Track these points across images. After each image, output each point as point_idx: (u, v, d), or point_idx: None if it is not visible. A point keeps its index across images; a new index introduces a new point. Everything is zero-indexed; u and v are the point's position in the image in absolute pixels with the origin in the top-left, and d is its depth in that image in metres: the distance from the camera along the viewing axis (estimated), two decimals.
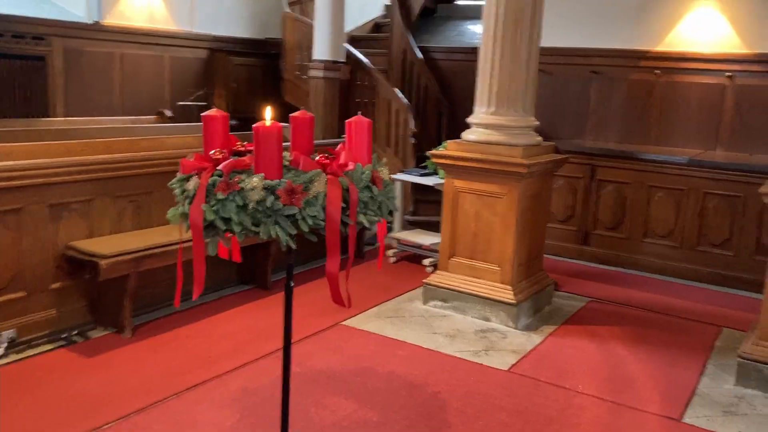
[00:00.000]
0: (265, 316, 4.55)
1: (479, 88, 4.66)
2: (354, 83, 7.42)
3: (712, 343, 4.50)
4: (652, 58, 6.68)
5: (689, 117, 6.59)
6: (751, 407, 3.64)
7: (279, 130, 2.24)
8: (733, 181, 5.69)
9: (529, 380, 3.80)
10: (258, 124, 2.26)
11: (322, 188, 2.21)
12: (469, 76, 7.80)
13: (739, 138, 6.39)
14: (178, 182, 2.37)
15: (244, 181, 2.20)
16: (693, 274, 5.91)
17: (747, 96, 6.32)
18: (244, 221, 2.19)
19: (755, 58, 6.23)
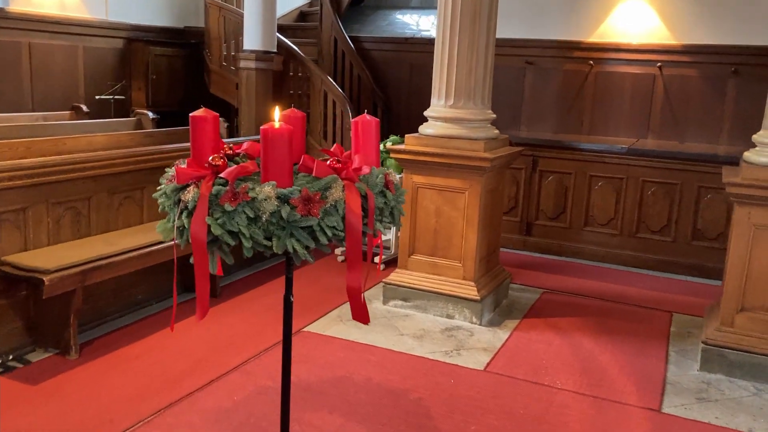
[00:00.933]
0: (219, 326, 4.27)
1: (437, 80, 4.54)
2: (287, 74, 7.13)
3: (668, 330, 4.61)
4: (585, 49, 6.79)
5: (621, 106, 6.75)
6: (719, 392, 3.73)
7: (290, 133, 2.02)
8: (670, 169, 5.87)
9: (507, 379, 3.73)
10: (266, 126, 2.03)
11: (340, 195, 2.01)
12: (402, 67, 7.74)
13: (669, 126, 6.61)
14: (169, 192, 2.09)
15: (254, 190, 1.97)
16: (633, 260, 6.07)
17: (675, 85, 6.54)
18: (255, 235, 1.96)
19: (683, 49, 6.44)
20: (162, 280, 4.56)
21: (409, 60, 7.67)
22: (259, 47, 6.74)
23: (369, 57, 7.82)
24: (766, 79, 6.23)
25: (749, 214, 3.81)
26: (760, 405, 3.60)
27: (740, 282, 3.89)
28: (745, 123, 6.34)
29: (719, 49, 6.31)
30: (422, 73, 7.60)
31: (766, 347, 3.85)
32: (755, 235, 3.82)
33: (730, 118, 6.41)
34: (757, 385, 3.81)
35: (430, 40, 7.62)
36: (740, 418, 3.44)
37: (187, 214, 2.02)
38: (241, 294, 4.86)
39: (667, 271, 5.92)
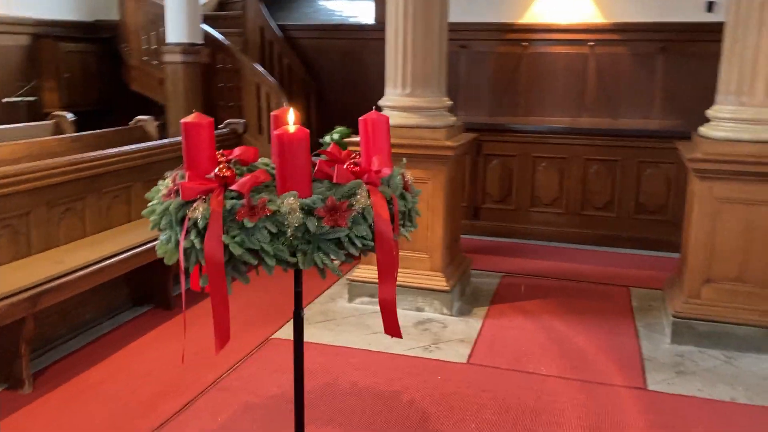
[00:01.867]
0: (180, 341, 3.99)
1: (391, 68, 4.40)
2: (215, 67, 6.77)
3: (629, 305, 4.70)
4: (518, 31, 6.81)
5: (556, 86, 6.82)
6: (694, 363, 3.82)
7: (307, 137, 1.84)
8: (611, 146, 5.99)
9: (492, 370, 3.68)
10: (281, 131, 1.84)
11: (367, 202, 1.84)
12: (333, 55, 7.53)
13: (603, 104, 6.74)
14: (172, 209, 1.86)
15: (275, 202, 1.77)
16: (580, 237, 6.17)
17: (607, 64, 6.67)
18: (280, 252, 1.77)
19: (612, 27, 6.57)
20: (111, 295, 4.22)
21: (340, 47, 7.47)
22: (184, 39, 6.36)
23: (298, 45, 7.56)
24: (692, 55, 6.46)
25: (711, 188, 3.90)
26: (734, 373, 3.70)
27: (705, 255, 3.99)
28: (675, 98, 6.56)
29: (648, 26, 6.47)
30: (355, 61, 7.44)
31: (731, 316, 3.97)
32: (718, 208, 3.92)
33: (660, 93, 6.60)
34: (726, 353, 3.93)
35: (360, 27, 7.46)
36: (720, 388, 3.53)
37: (197, 233, 1.80)
38: (198, 303, 4.57)
39: (613, 245, 6.06)
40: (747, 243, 3.91)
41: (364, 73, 7.41)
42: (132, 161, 4.42)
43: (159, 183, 2.07)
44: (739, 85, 3.83)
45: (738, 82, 3.83)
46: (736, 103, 3.86)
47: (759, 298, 3.94)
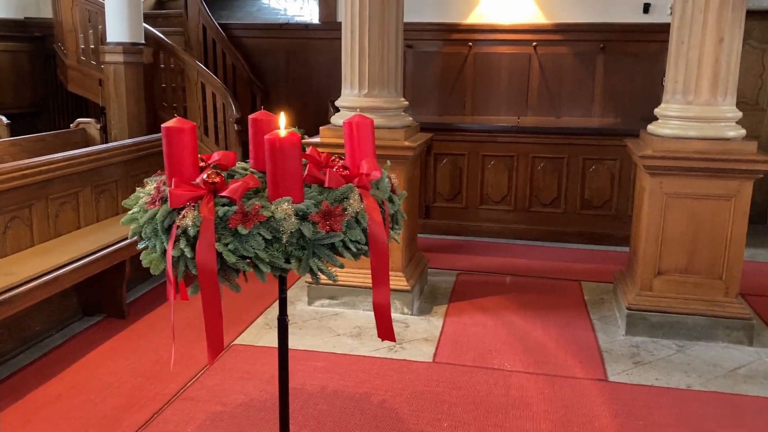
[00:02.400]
0: (138, 352, 3.86)
1: (347, 69, 4.38)
2: (158, 67, 6.59)
3: (582, 298, 4.83)
4: (463, 31, 6.90)
5: (500, 86, 6.95)
6: (649, 354, 3.96)
7: (298, 142, 1.81)
8: (557, 144, 6.13)
9: (459, 368, 3.72)
10: (272, 135, 1.80)
11: (360, 206, 1.83)
12: (278, 55, 7.44)
13: (546, 103, 6.90)
14: (159, 218, 1.80)
15: (269, 208, 1.74)
16: (528, 233, 6.30)
17: (550, 63, 6.84)
18: (275, 259, 1.73)
19: (555, 28, 6.74)
20: (60, 306, 4.06)
21: (285, 47, 7.39)
22: (125, 39, 6.16)
23: (242, 45, 7.44)
24: (630, 55, 6.69)
25: (661, 183, 4.05)
26: (687, 361, 3.86)
27: (656, 248, 4.13)
28: (614, 96, 6.78)
29: (588, 27, 6.67)
30: (300, 60, 7.37)
31: (681, 306, 4.13)
32: (667, 203, 4.07)
33: (600, 92, 6.82)
34: (678, 343, 4.09)
35: (306, 26, 7.40)
36: (676, 377, 3.67)
37: (186, 241, 1.75)
38: (152, 311, 4.44)
39: (560, 240, 6.21)
40: (694, 235, 4.07)
41: (310, 72, 7.36)
42: (80, 166, 4.25)
43: (138, 190, 2.00)
44: (685, 85, 3.98)
45: (684, 81, 3.98)
46: (683, 102, 4.01)
47: (706, 288, 4.11)
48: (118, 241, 4.14)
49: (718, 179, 3.97)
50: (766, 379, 3.65)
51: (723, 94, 3.95)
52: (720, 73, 3.92)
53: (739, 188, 3.97)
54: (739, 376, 3.68)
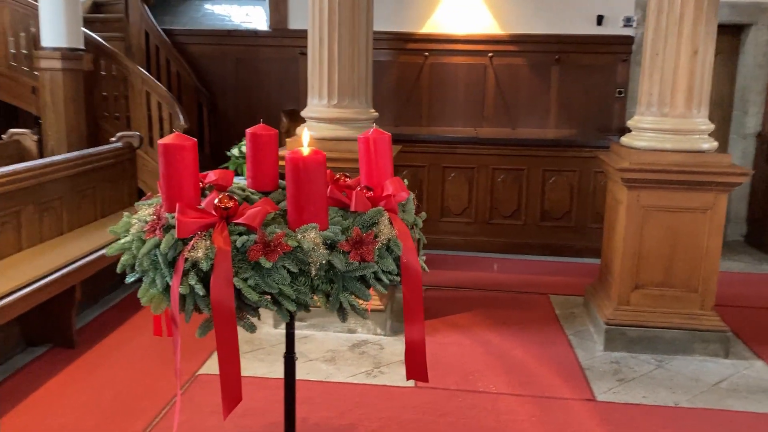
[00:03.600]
0: (94, 386, 3.52)
1: (315, 78, 4.16)
2: (98, 74, 6.17)
3: (553, 313, 4.74)
4: (419, 41, 6.79)
5: (457, 96, 6.87)
6: (631, 370, 3.89)
7: (324, 161, 1.59)
8: (517, 156, 6.07)
9: (443, 392, 3.54)
10: (294, 153, 1.58)
11: (392, 232, 1.63)
12: (226, 62, 7.13)
13: (502, 114, 6.86)
14: (164, 249, 1.55)
15: (293, 237, 1.52)
16: (489, 246, 6.21)
17: (505, 74, 6.80)
18: (301, 295, 1.51)
19: (510, 39, 6.70)
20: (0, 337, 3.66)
21: (233, 54, 7.08)
22: (62, 44, 5.73)
23: (187, 52, 7.09)
24: (584, 66, 6.73)
25: (639, 196, 4.00)
26: (669, 377, 3.81)
27: (633, 262, 4.08)
28: (569, 107, 6.80)
29: (543, 38, 6.66)
30: (249, 68, 7.09)
31: (659, 320, 4.09)
32: (645, 216, 4.03)
33: (556, 103, 6.82)
34: (656, 357, 4.04)
35: (255, 33, 7.12)
36: (662, 394, 3.60)
37: (197, 276, 1.50)
38: (104, 339, 4.09)
39: (521, 252, 6.14)
40: (671, 249, 4.04)
41: (259, 80, 7.08)
42: (21, 182, 3.86)
43: (125, 215, 1.73)
44: (661, 97, 3.95)
45: (660, 93, 3.95)
46: (658, 114, 3.98)
47: (683, 302, 4.09)
48: (67, 264, 3.79)
49: (694, 192, 3.95)
50: (749, 392, 3.63)
51: (697, 106, 3.95)
52: (695, 85, 3.91)
53: (714, 201, 3.96)
54: (722, 391, 3.65)
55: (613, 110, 6.84)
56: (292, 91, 7.02)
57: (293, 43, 6.90)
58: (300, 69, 7.00)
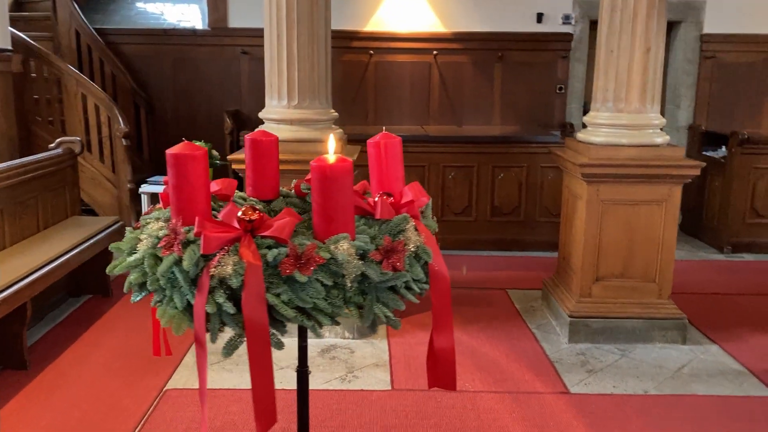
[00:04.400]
0: (54, 408, 3.32)
1: (274, 78, 4.05)
2: (28, 76, 5.83)
3: (514, 308, 4.81)
4: (363, 39, 6.74)
5: (402, 94, 6.87)
6: (597, 360, 3.98)
7: (351, 169, 1.53)
8: (467, 153, 6.12)
9: (421, 394, 3.52)
10: (320, 161, 1.51)
11: (419, 239, 1.59)
12: (163, 63, 6.89)
13: (447, 112, 6.91)
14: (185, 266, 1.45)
15: (326, 248, 1.45)
16: (441, 242, 6.17)
17: (450, 72, 6.84)
18: (336, 308, 1.45)
19: (454, 37, 6.75)
20: None
21: (171, 54, 6.84)
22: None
23: (121, 52, 6.79)
24: (526, 64, 6.85)
25: (598, 191, 4.10)
26: (634, 365, 3.92)
27: (594, 255, 4.18)
28: (513, 104, 6.91)
29: (486, 36, 6.74)
30: (188, 69, 6.87)
31: (619, 311, 4.20)
32: (604, 209, 4.13)
33: (499, 100, 6.92)
34: (619, 347, 4.15)
35: (193, 32, 6.90)
36: (631, 383, 3.70)
37: (225, 293, 1.42)
38: (58, 358, 3.86)
39: (472, 248, 6.20)
40: (629, 241, 4.16)
41: (200, 81, 6.87)
42: None
43: (128, 231, 1.62)
44: (616, 93, 4.05)
45: (615, 90, 4.05)
46: (613, 110, 4.08)
47: (642, 292, 4.22)
48: (17, 280, 3.55)
49: (650, 185, 4.08)
50: (709, 376, 3.78)
51: (651, 101, 4.07)
52: (648, 81, 4.03)
53: (669, 193, 4.10)
54: (685, 376, 3.78)
55: (554, 106, 6.99)
56: (234, 91, 6.85)
57: (234, 42, 6.73)
58: (242, 69, 6.84)
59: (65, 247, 4.17)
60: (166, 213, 1.64)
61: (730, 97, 7.06)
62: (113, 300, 4.80)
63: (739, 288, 5.30)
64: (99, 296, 4.84)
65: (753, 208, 6.20)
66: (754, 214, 6.21)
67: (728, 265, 5.94)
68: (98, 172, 5.88)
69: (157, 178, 5.00)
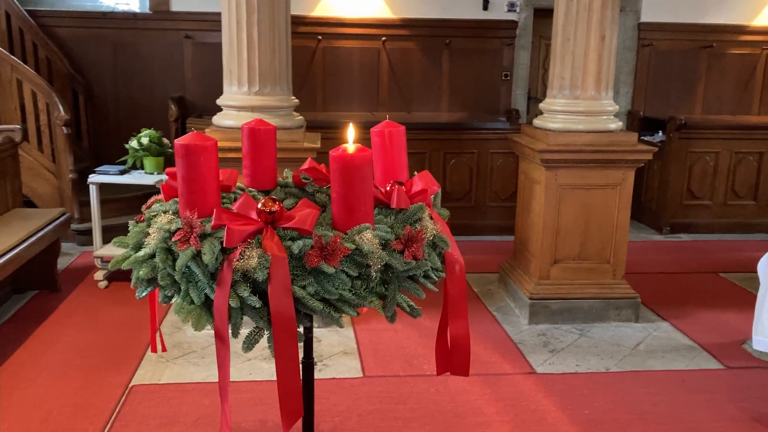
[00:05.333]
0: (13, 408, 3.17)
1: (233, 64, 3.96)
2: None
3: (473, 291, 4.89)
4: (311, 24, 6.66)
5: (352, 81, 6.83)
6: (558, 341, 4.10)
7: (371, 159, 1.52)
8: (419, 140, 6.14)
9: (394, 380, 3.55)
10: (340, 151, 1.49)
11: (435, 227, 1.59)
12: (103, 47, 6.63)
13: (397, 98, 6.92)
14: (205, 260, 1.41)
15: (349, 239, 1.44)
16: None
17: (399, 58, 6.85)
18: (361, 298, 1.44)
19: (402, 23, 6.75)
20: None
21: (111, 38, 6.57)
22: None
23: (57, 36, 6.48)
24: (472, 51, 6.92)
25: (556, 176, 4.20)
26: (593, 344, 4.06)
27: (553, 238, 4.29)
28: (460, 91, 6.98)
29: (433, 22, 6.77)
30: (130, 54, 6.63)
31: (577, 291, 4.34)
32: (561, 194, 4.23)
33: (447, 87, 6.98)
34: (577, 326, 4.29)
35: (134, 15, 6.65)
36: (592, 361, 3.83)
37: (248, 287, 1.39)
38: (10, 357, 3.69)
39: None
40: (586, 224, 4.29)
41: (141, 66, 6.64)
42: None
43: (131, 224, 1.56)
44: (572, 81, 4.15)
45: (571, 77, 4.15)
46: (570, 97, 4.18)
47: (598, 273, 4.36)
48: None
49: (606, 169, 4.21)
50: (664, 352, 3.95)
51: (605, 88, 4.19)
52: (603, 69, 4.15)
53: (623, 177, 4.25)
54: (642, 353, 3.94)
55: (500, 93, 7.11)
56: (177, 77, 6.65)
57: (177, 26, 6.53)
58: (185, 54, 6.65)
59: (13, 241, 3.98)
60: (173, 205, 1.58)
61: (666, 83, 7.35)
62: (62, 295, 4.61)
63: (681, 267, 5.55)
64: (46, 292, 4.64)
65: (689, 190, 6.49)
66: (691, 196, 6.50)
67: (668, 245, 6.21)
68: (37, 162, 5.61)
69: (106, 168, 4.80)
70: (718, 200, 6.49)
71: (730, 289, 5.05)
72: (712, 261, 5.71)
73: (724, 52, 7.29)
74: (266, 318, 1.44)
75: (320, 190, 1.88)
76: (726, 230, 6.49)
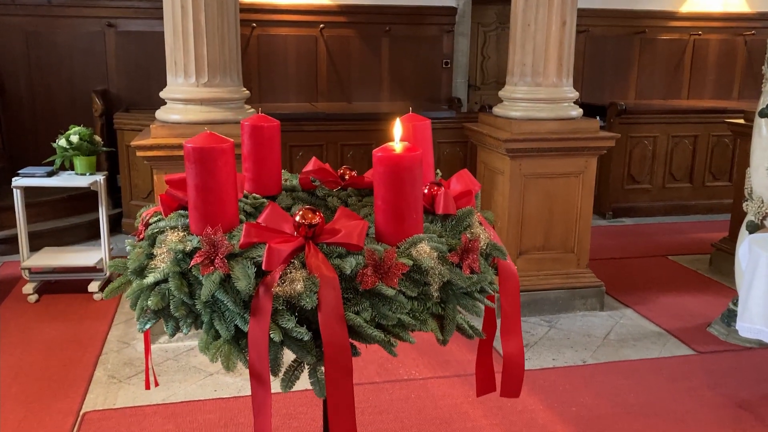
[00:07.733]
0: None
1: (178, 53, 3.62)
2: None
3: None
4: (244, 11, 6.28)
5: (288, 70, 6.54)
6: (529, 334, 4.01)
7: (421, 160, 1.30)
8: (366, 131, 5.94)
9: (371, 387, 3.35)
10: (386, 151, 1.27)
11: (487, 235, 1.40)
12: (14, 36, 6.08)
13: (336, 88, 6.68)
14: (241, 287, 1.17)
15: (404, 253, 1.23)
16: None
17: (337, 47, 6.60)
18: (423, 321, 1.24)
19: (340, 10, 6.51)
20: None
21: (22, 27, 6.01)
22: None
23: None
24: (412, 38, 6.76)
25: (520, 165, 4.09)
26: (564, 336, 3.99)
27: (518, 229, 4.19)
28: (400, 79, 6.81)
29: (372, 9, 6.56)
30: (45, 44, 6.08)
31: (543, 282, 4.27)
32: (525, 184, 4.14)
33: (388, 75, 6.79)
34: (545, 318, 4.22)
35: (48, 1, 6.09)
36: (567, 354, 3.76)
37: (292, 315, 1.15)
38: None
39: None
40: (549, 213, 4.21)
41: (59, 57, 6.11)
42: None
43: (128, 242, 1.29)
44: (534, 67, 4.05)
45: (533, 63, 4.05)
46: (532, 84, 4.08)
47: (562, 262, 4.30)
48: None
49: (568, 157, 4.14)
50: (635, 341, 3.93)
51: (566, 75, 4.12)
52: (564, 55, 4.06)
53: (586, 165, 4.19)
54: (613, 342, 3.90)
55: (441, 81, 6.98)
56: (100, 68, 6.16)
57: (97, 14, 6.04)
58: (108, 43, 6.16)
59: None
60: (181, 220, 1.31)
61: (601, 69, 7.42)
62: None
63: (630, 251, 5.60)
64: None
65: (630, 175, 6.57)
66: (631, 180, 6.59)
67: (613, 230, 6.27)
68: None
69: (32, 170, 4.33)
70: (657, 184, 6.61)
71: (681, 272, 5.11)
72: (658, 244, 5.79)
73: (655, 38, 7.43)
74: (314, 351, 1.21)
75: (331, 194, 1.65)
76: (665, 213, 6.62)
